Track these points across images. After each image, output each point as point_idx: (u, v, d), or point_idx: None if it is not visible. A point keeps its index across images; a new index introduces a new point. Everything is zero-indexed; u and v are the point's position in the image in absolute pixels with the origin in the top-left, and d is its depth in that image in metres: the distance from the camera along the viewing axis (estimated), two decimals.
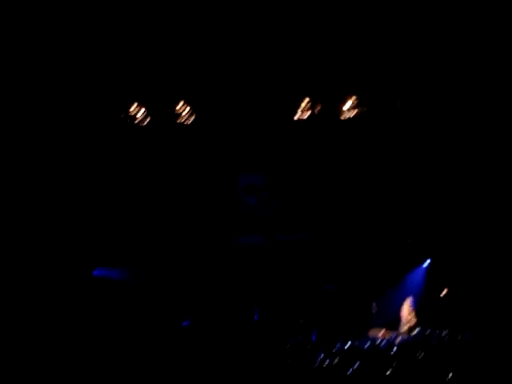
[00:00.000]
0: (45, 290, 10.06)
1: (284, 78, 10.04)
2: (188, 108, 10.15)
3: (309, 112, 10.32)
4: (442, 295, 10.83)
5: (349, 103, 10.19)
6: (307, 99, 10.29)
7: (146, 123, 10.24)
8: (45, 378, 7.22)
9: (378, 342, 9.38)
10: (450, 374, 6.62)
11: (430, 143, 10.74)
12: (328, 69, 9.79)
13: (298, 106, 10.35)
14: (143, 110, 10.05)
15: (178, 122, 10.29)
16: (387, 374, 7.94)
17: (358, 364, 8.33)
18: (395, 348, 8.81)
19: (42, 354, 8.35)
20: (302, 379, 7.75)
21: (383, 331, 9.94)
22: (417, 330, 9.68)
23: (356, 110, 10.21)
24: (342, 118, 10.31)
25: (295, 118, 10.41)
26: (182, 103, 10.05)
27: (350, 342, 9.17)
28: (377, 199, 11.48)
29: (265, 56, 9.64)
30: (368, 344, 9.28)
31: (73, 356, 8.69)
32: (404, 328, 9.98)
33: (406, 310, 10.26)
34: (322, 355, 8.62)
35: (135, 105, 10.00)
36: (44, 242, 10.41)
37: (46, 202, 10.44)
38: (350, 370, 8.13)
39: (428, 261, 11.36)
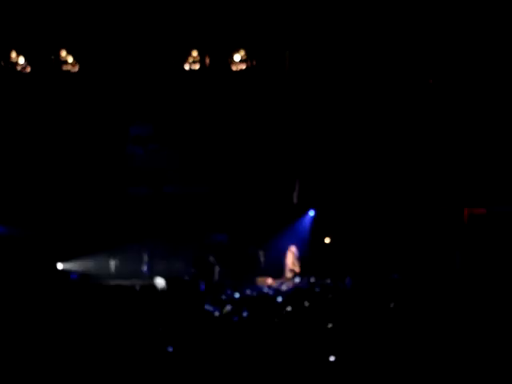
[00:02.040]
0: None
1: (173, 28, 9.84)
2: (71, 57, 9.74)
3: (198, 64, 10.22)
4: (324, 244, 11.34)
5: (238, 56, 10.19)
6: (195, 51, 10.18)
7: (28, 71, 9.72)
8: None
9: (264, 290, 9.73)
10: (330, 324, 6.98)
11: (318, 95, 11.00)
12: (217, 21, 9.70)
13: (187, 57, 10.22)
14: (23, 58, 9.53)
15: (63, 70, 9.87)
16: (274, 321, 8.16)
17: (245, 312, 8.54)
18: (281, 296, 9.15)
19: None
20: (190, 330, 7.83)
21: (270, 279, 10.33)
22: (299, 278, 10.14)
23: (246, 63, 10.24)
24: (233, 69, 10.30)
25: (186, 67, 10.28)
26: (65, 52, 9.61)
27: (238, 292, 9.44)
28: (265, 151, 11.67)
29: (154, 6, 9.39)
30: (255, 292, 9.60)
31: None
32: (288, 276, 10.42)
33: (291, 259, 10.68)
34: (213, 304, 8.82)
35: (14, 53, 9.45)
36: None
37: None
38: (237, 318, 8.29)
39: (313, 211, 11.75)
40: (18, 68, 9.70)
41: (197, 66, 10.25)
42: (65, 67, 9.87)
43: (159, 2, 9.24)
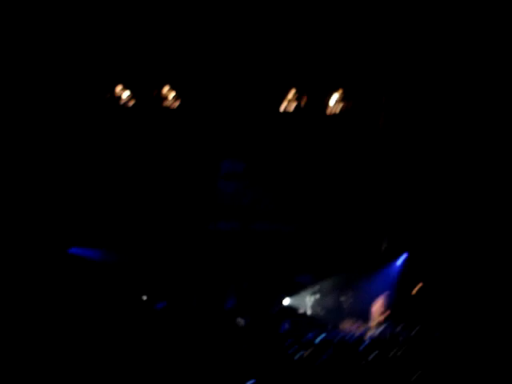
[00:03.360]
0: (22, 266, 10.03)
1: (272, 68, 10.04)
2: (173, 93, 10.13)
3: (295, 104, 10.34)
4: (414, 292, 10.99)
5: (335, 97, 10.23)
6: (294, 90, 10.30)
7: (131, 105, 10.20)
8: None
9: (348, 335, 9.53)
10: (418, 372, 6.74)
11: (410, 142, 10.85)
12: (316, 62, 9.81)
13: (285, 96, 10.37)
14: (128, 92, 10.02)
15: (164, 105, 10.28)
16: (356, 367, 7.97)
17: (327, 355, 8.39)
18: (365, 342, 8.93)
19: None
20: (271, 368, 7.77)
21: (354, 324, 10.12)
22: (385, 325, 9.85)
23: (341, 105, 10.26)
24: (328, 112, 10.35)
25: (282, 108, 10.43)
26: (167, 88, 10.02)
27: (321, 334, 9.30)
28: (356, 194, 11.57)
29: (254, 45, 9.62)
30: (339, 336, 9.42)
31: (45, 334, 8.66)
32: (374, 323, 10.16)
33: (378, 305, 10.42)
34: (294, 345, 8.73)
35: (120, 87, 9.95)
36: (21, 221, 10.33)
37: (24, 182, 10.35)
38: (317, 361, 8.17)
39: (403, 257, 11.46)
40: (122, 102, 10.19)
41: (292, 107, 10.36)
42: (166, 103, 10.27)
43: (259, 42, 9.46)
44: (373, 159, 11.34)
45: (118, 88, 10.01)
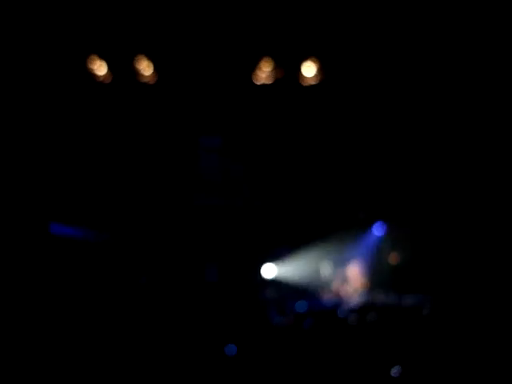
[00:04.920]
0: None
1: (247, 40, 10.01)
2: (151, 67, 10.07)
3: (272, 76, 10.34)
4: (393, 261, 11.19)
5: (310, 69, 10.25)
6: (270, 62, 10.29)
7: (108, 82, 10.13)
8: None
9: (325, 302, 9.75)
10: (391, 339, 6.96)
11: (388, 116, 10.93)
12: (290, 32, 9.78)
13: (261, 69, 10.36)
14: (105, 66, 9.93)
15: (141, 80, 10.23)
16: (336, 333, 8.18)
17: (306, 323, 8.60)
18: (343, 309, 9.13)
19: None
20: (253, 337, 7.96)
21: (332, 292, 10.32)
22: (364, 292, 10.06)
23: (318, 76, 10.28)
24: (304, 83, 10.37)
25: (259, 82, 10.43)
26: (145, 61, 9.95)
27: (302, 302, 9.49)
28: (333, 166, 11.67)
29: (230, 17, 9.58)
30: (317, 304, 9.63)
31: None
32: (352, 290, 10.36)
33: (355, 273, 10.63)
34: (275, 313, 8.91)
35: (96, 60, 9.85)
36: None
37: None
38: (298, 328, 8.38)
39: (380, 225, 11.63)
40: (99, 79, 10.12)
41: (270, 79, 10.37)
42: (143, 78, 10.21)
43: (236, 14, 9.43)
44: (350, 132, 11.43)
45: (95, 64, 9.91)
